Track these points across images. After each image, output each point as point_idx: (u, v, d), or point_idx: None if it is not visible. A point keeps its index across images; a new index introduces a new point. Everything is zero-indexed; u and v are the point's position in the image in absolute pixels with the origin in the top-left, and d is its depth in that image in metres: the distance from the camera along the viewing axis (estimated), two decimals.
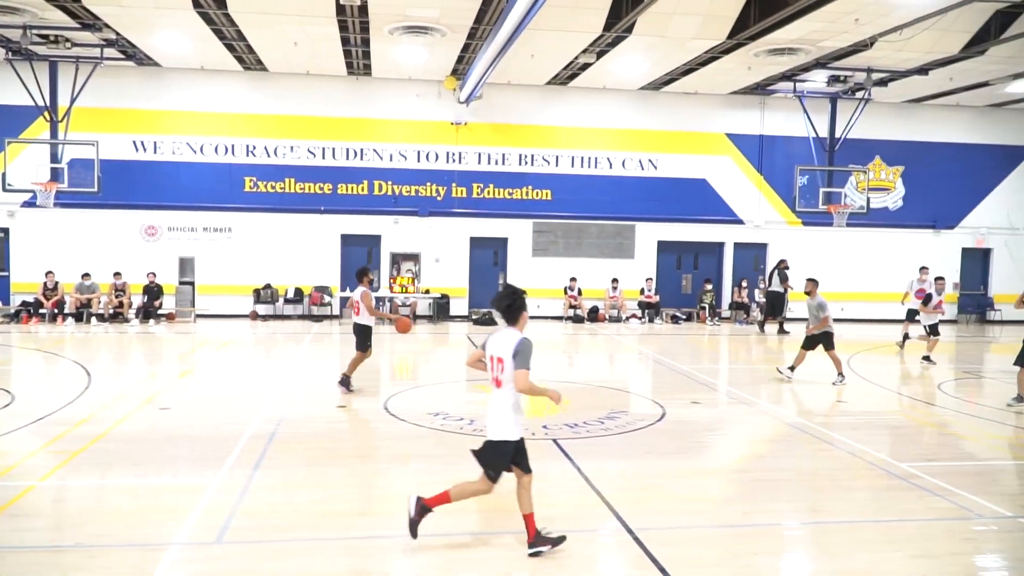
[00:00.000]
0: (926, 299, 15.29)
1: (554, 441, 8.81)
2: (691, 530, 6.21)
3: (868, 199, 21.36)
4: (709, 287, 22.22)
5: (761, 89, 21.09)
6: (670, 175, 22.17)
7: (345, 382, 11.33)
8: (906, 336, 16.18)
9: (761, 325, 20.49)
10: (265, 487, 7.01)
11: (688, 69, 19.11)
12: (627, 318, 21.63)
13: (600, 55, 17.83)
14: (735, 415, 11.03)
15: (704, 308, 21.97)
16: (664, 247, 22.49)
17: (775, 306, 20.30)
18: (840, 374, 12.84)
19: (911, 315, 17.65)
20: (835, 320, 13.17)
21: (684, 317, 22.15)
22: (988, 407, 11.61)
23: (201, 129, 20.40)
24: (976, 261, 23.75)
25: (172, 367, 14.39)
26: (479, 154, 21.57)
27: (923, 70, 18.39)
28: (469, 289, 21.68)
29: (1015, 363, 11.53)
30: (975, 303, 23.71)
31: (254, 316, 20.45)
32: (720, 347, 18.13)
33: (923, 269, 17.91)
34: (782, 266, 20.69)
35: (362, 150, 21.09)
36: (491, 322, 20.69)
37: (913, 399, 12.32)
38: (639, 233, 22.21)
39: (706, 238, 22.64)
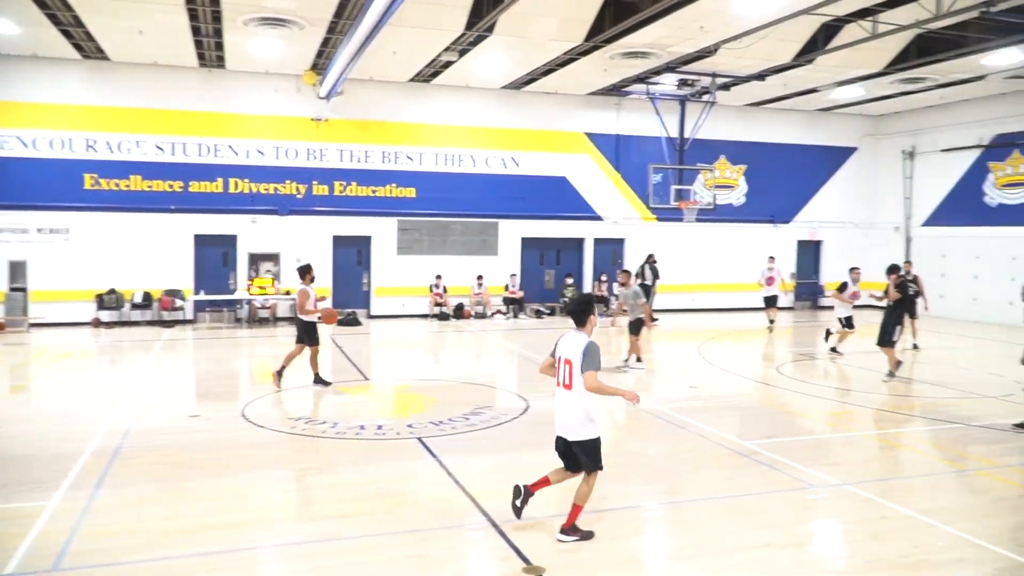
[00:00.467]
0: (841, 287, 15.80)
1: (419, 440, 8.81)
2: (554, 519, 6.38)
3: (715, 196, 22.71)
4: (570, 281, 22.83)
5: (617, 90, 21.86)
6: (532, 173, 22.60)
7: (318, 380, 11.73)
8: (828, 332, 16.18)
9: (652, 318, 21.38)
10: (110, 506, 6.60)
11: (548, 69, 19.53)
12: (492, 314, 21.88)
13: (462, 53, 17.91)
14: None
15: (567, 302, 22.53)
16: (527, 243, 22.91)
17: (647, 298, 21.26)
18: (639, 359, 13.57)
19: (768, 302, 19.98)
20: (686, 310, 13.92)
21: (548, 311, 22.66)
22: (820, 386, 12.62)
23: (33, 122, 18.76)
24: (809, 252, 25.72)
25: (1, 382, 13.22)
26: (341, 151, 21.14)
27: (760, 76, 19.70)
28: (333, 289, 21.19)
29: (877, 343, 12.82)
30: (809, 291, 25.68)
31: (97, 323, 19.11)
32: None
33: (771, 258, 20.46)
34: (651, 260, 21.64)
35: (216, 146, 20.16)
36: (355, 322, 20.35)
37: (756, 381, 13.20)
38: (503, 230, 22.50)
39: (567, 234, 23.25)
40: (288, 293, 20.39)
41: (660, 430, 9.59)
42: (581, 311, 6.07)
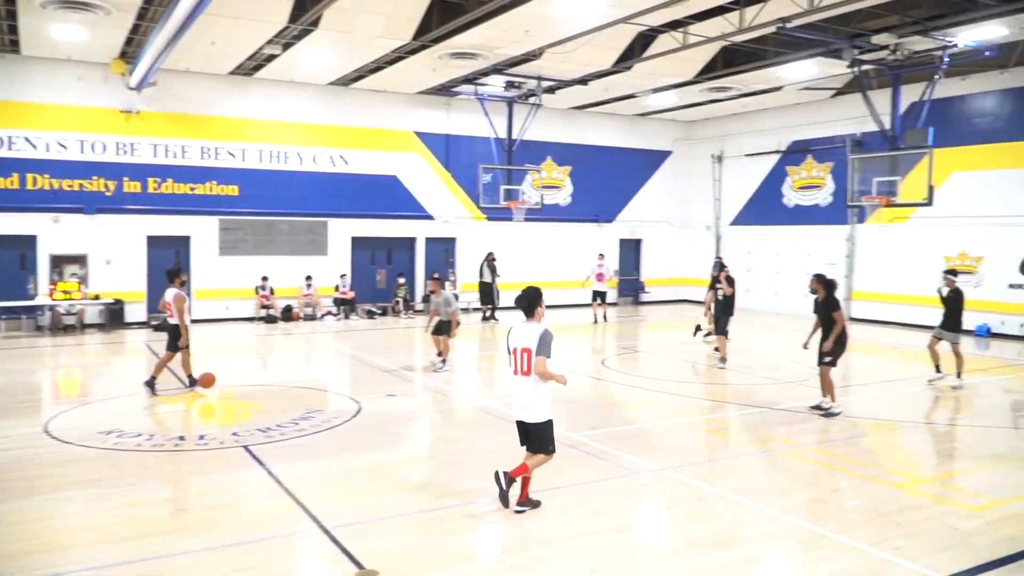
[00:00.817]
0: (712, 283, 16.05)
1: (245, 448, 8.46)
2: (385, 521, 6.37)
3: (542, 196, 23.41)
4: (402, 281, 22.73)
5: (446, 90, 21.98)
6: (361, 171, 22.25)
7: (150, 383, 11.25)
8: (698, 327, 16.99)
9: (485, 315, 21.50)
10: None
11: (376, 67, 19.30)
12: (322, 315, 21.34)
13: (287, 47, 17.30)
14: (428, 404, 11.49)
15: (399, 302, 22.45)
16: (358, 243, 22.54)
17: (486, 296, 21.53)
18: (439, 355, 13.57)
19: (595, 296, 21.28)
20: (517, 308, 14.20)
21: (380, 312, 22.43)
22: (642, 377, 13.39)
23: None
24: (631, 250, 27.15)
25: None
26: (155, 146, 19.78)
27: (583, 81, 20.54)
28: (148, 293, 19.78)
29: (716, 333, 14.09)
30: (631, 287, 27.11)
31: None
32: (415, 340, 18.65)
33: (600, 255, 21.86)
34: (490, 259, 21.95)
35: (10, 138, 18.22)
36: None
37: (583, 375, 13.76)
38: (332, 229, 21.99)
39: (398, 233, 23.10)
40: (97, 297, 18.88)
41: (492, 426, 9.79)
42: (530, 302, 6.57)
